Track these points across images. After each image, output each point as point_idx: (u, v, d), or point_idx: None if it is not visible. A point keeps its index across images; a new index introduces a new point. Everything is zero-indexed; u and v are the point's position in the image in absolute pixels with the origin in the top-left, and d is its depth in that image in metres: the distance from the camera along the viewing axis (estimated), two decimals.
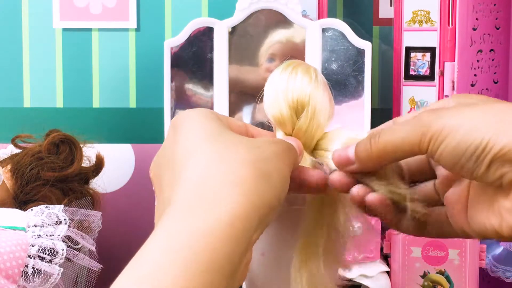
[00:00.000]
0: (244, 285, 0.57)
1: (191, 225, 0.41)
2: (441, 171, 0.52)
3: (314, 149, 0.53)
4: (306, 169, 0.51)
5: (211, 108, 1.22)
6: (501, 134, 0.43)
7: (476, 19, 1.23)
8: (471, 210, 0.48)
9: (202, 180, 0.44)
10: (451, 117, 0.45)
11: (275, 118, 0.53)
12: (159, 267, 0.39)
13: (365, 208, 0.50)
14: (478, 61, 1.25)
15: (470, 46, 1.23)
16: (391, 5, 1.31)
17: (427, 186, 0.53)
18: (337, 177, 0.50)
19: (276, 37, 1.22)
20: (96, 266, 1.03)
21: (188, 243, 0.40)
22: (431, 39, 1.22)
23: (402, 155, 0.48)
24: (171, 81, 1.22)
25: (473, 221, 0.48)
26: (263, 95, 0.54)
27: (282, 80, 0.53)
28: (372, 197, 0.49)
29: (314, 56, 1.19)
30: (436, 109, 0.48)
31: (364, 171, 0.49)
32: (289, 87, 0.53)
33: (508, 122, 0.44)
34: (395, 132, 0.48)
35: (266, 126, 0.56)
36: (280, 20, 1.21)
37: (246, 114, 1.23)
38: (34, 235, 0.97)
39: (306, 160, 0.53)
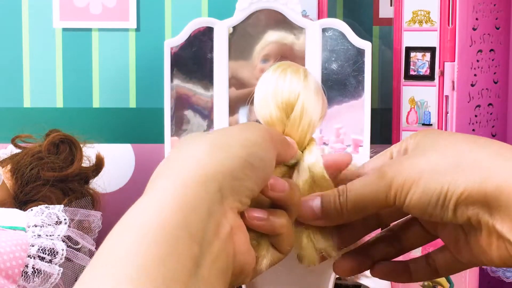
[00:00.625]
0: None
1: (143, 203, 0.42)
2: None
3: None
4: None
5: (211, 108, 1.22)
6: (459, 178, 0.44)
7: (476, 19, 1.23)
8: (453, 251, 0.49)
9: (163, 165, 0.46)
10: (411, 168, 0.46)
11: (264, 119, 0.53)
12: (113, 248, 0.39)
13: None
14: (478, 61, 1.25)
15: (470, 46, 1.23)
16: (391, 5, 1.31)
17: (411, 229, 0.54)
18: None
19: (270, 38, 1.22)
20: None
21: (138, 219, 0.40)
22: (431, 39, 1.22)
23: (374, 210, 0.49)
24: (171, 81, 1.22)
25: (459, 258, 0.49)
26: (253, 97, 0.54)
27: (271, 81, 0.53)
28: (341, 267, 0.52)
29: (314, 56, 1.19)
30: (396, 159, 0.48)
31: (333, 224, 0.50)
32: (278, 88, 0.53)
33: (464, 166, 0.44)
34: (363, 189, 0.48)
35: None
36: (280, 20, 1.21)
37: (242, 115, 1.23)
38: (34, 235, 0.97)
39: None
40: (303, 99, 0.53)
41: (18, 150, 1.20)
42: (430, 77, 1.23)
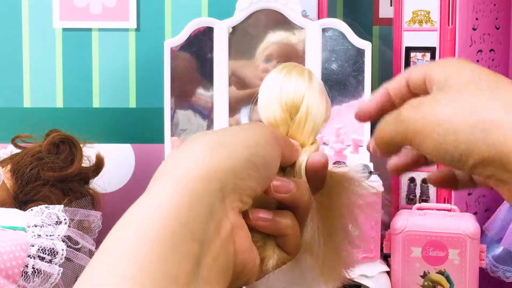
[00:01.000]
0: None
1: (144, 201, 0.42)
2: None
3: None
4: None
5: (211, 108, 1.23)
6: (475, 142, 0.43)
7: (476, 19, 1.23)
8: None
9: (163, 165, 0.46)
10: (427, 117, 0.45)
11: (268, 120, 0.53)
12: (114, 247, 0.39)
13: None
14: (478, 61, 1.25)
15: (470, 46, 1.23)
16: (391, 5, 1.31)
17: None
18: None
19: (273, 38, 1.22)
20: None
21: (138, 217, 0.40)
22: (431, 39, 1.22)
23: (400, 148, 0.49)
24: (171, 81, 1.22)
25: None
26: (257, 98, 0.54)
27: (275, 82, 0.53)
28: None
29: (314, 56, 1.19)
30: (414, 103, 0.48)
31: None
32: (283, 90, 0.53)
33: (483, 126, 0.43)
34: (384, 131, 0.49)
35: None
36: (280, 20, 1.21)
37: (243, 115, 1.23)
38: (34, 235, 0.97)
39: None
40: (307, 101, 0.52)
41: (18, 150, 1.20)
42: None
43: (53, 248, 0.96)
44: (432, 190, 1.24)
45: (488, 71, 0.47)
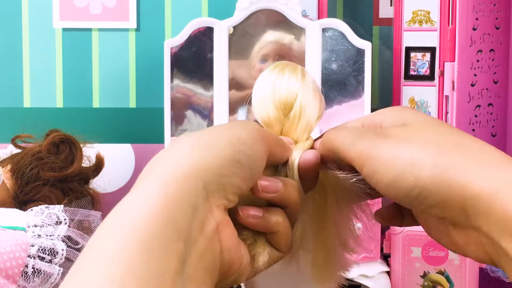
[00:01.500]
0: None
1: (129, 201, 0.42)
2: None
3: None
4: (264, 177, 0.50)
5: (211, 108, 1.23)
6: (435, 182, 0.42)
7: (476, 19, 1.23)
8: (432, 233, 0.48)
9: (150, 163, 0.46)
10: (391, 147, 0.45)
11: (262, 119, 0.53)
12: (98, 246, 0.39)
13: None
14: (478, 61, 1.25)
15: (470, 46, 1.23)
16: (391, 5, 1.31)
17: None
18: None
19: (269, 38, 1.22)
20: None
21: (122, 217, 0.40)
22: (431, 39, 1.22)
23: (342, 162, 0.49)
24: (171, 81, 1.22)
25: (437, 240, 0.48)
26: (251, 97, 0.54)
27: (269, 81, 0.53)
28: None
29: (314, 56, 1.19)
30: (379, 131, 0.47)
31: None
32: (276, 88, 0.53)
33: (443, 168, 0.43)
34: (342, 140, 0.48)
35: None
36: (280, 20, 1.21)
37: (241, 115, 1.23)
38: (34, 235, 0.97)
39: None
40: (301, 98, 0.52)
41: (18, 150, 1.20)
42: (430, 77, 1.23)
43: (53, 248, 0.96)
44: None
45: (433, 117, 0.49)
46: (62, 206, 1.04)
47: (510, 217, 0.40)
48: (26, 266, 0.93)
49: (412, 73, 1.24)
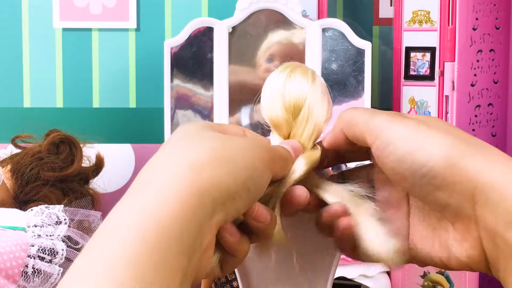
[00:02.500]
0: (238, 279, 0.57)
1: (140, 205, 0.41)
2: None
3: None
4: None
5: (211, 108, 1.23)
6: (457, 162, 0.43)
7: (476, 19, 1.23)
8: (414, 239, 0.48)
9: (159, 163, 0.44)
10: (409, 120, 0.46)
11: (272, 120, 0.53)
12: (108, 249, 0.38)
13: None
14: (478, 61, 1.25)
15: (470, 46, 1.23)
16: (391, 5, 1.31)
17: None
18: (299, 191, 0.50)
19: (275, 38, 1.22)
20: None
21: (136, 223, 0.40)
22: (431, 39, 1.22)
23: (354, 143, 0.49)
24: (171, 81, 1.22)
25: (416, 250, 0.48)
26: (260, 97, 0.54)
27: (279, 82, 0.53)
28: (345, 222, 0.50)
29: (314, 56, 1.19)
30: (391, 119, 0.48)
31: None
32: (286, 90, 0.53)
33: (460, 150, 0.43)
34: (357, 118, 0.49)
35: (264, 127, 0.56)
36: (280, 20, 1.21)
37: (244, 115, 1.23)
38: (34, 235, 0.97)
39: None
40: (310, 101, 0.52)
41: (18, 150, 1.20)
42: (430, 77, 1.23)
43: (53, 248, 0.96)
44: None
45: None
46: (62, 206, 1.04)
47: None
48: (26, 266, 0.93)
49: (412, 73, 1.24)
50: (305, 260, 0.56)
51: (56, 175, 1.13)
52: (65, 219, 1.01)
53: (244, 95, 1.23)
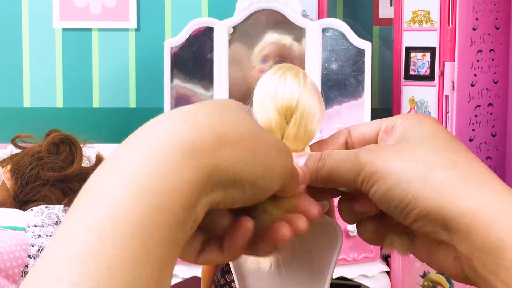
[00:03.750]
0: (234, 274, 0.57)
1: (158, 175, 0.39)
2: None
3: None
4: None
5: None
6: (422, 194, 0.44)
7: (476, 19, 1.23)
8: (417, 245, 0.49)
9: (183, 118, 0.42)
10: (383, 164, 0.46)
11: (263, 124, 0.53)
12: (97, 210, 0.36)
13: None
14: (478, 61, 1.25)
15: (470, 46, 1.23)
16: (391, 5, 1.31)
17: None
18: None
19: (269, 38, 1.22)
20: None
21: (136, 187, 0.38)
22: (431, 39, 1.22)
23: (345, 186, 0.49)
24: (171, 81, 1.22)
25: (421, 254, 0.49)
26: (252, 99, 0.54)
27: (271, 85, 0.53)
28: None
29: (314, 56, 1.19)
30: (375, 148, 0.48)
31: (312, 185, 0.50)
32: (278, 92, 0.52)
33: (432, 182, 0.44)
34: (338, 164, 0.48)
35: None
36: (280, 20, 1.21)
37: None
38: (34, 235, 0.97)
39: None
40: (302, 104, 0.52)
41: (18, 150, 1.20)
42: (430, 77, 1.23)
43: None
44: None
45: (445, 130, 0.48)
46: (62, 206, 1.04)
47: (487, 238, 0.42)
48: (26, 266, 0.93)
49: (412, 73, 1.24)
50: (300, 267, 0.56)
51: (56, 175, 1.13)
52: None
53: (242, 95, 1.23)
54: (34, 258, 0.94)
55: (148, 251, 0.36)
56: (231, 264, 0.60)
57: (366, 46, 1.19)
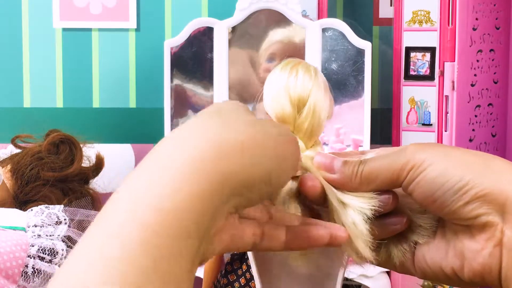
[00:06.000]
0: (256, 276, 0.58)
1: (159, 182, 0.39)
2: None
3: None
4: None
5: None
6: (483, 176, 0.45)
7: (476, 19, 1.23)
8: (423, 251, 0.49)
9: (186, 135, 0.42)
10: (436, 152, 0.46)
11: (277, 114, 0.53)
12: (125, 228, 0.37)
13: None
14: (478, 61, 1.25)
15: (470, 46, 1.23)
16: (391, 5, 1.31)
17: None
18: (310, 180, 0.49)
19: (276, 37, 1.22)
20: None
21: (153, 201, 0.38)
22: (431, 39, 1.22)
23: (382, 183, 0.48)
24: (171, 81, 1.22)
25: (425, 260, 0.48)
26: (262, 95, 0.54)
27: (282, 77, 0.53)
28: None
29: (314, 56, 1.19)
30: (422, 143, 0.49)
31: (339, 187, 0.49)
32: (290, 84, 0.53)
33: (493, 167, 0.45)
34: (381, 159, 0.48)
35: None
36: (280, 20, 1.21)
37: None
38: (34, 235, 0.97)
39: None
40: (314, 97, 0.53)
41: (18, 150, 1.20)
42: (430, 77, 1.23)
43: (53, 248, 0.96)
44: None
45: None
46: (62, 206, 1.04)
47: None
48: (26, 266, 0.93)
49: (412, 73, 1.24)
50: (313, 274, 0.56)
51: (56, 175, 1.13)
52: (65, 219, 1.01)
53: (244, 94, 1.23)
54: (34, 258, 0.94)
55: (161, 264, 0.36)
56: (251, 255, 0.60)
57: (366, 46, 1.19)
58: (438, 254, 0.48)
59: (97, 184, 1.21)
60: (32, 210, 1.02)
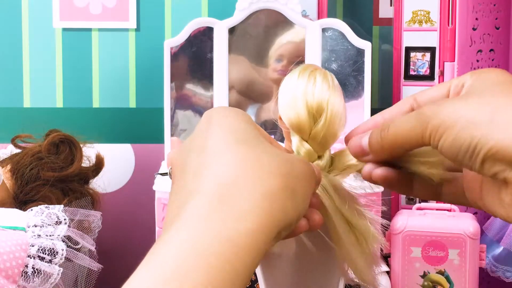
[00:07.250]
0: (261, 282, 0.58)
1: (218, 230, 0.41)
2: None
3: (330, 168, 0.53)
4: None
5: (211, 108, 1.23)
6: (489, 134, 0.45)
7: (476, 19, 1.23)
8: (484, 192, 0.49)
9: (230, 181, 0.44)
10: (448, 113, 0.46)
11: (292, 122, 0.52)
12: (182, 269, 0.39)
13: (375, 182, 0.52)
14: (478, 61, 1.25)
15: (470, 46, 1.23)
16: (391, 5, 1.31)
17: None
18: (371, 170, 0.51)
19: (286, 38, 1.22)
20: (96, 266, 1.03)
21: (213, 248, 0.40)
22: (431, 39, 1.22)
23: (411, 147, 0.49)
24: (171, 81, 1.22)
25: (485, 203, 0.49)
26: (277, 98, 0.53)
27: (300, 84, 0.52)
28: (376, 173, 0.51)
29: (314, 56, 1.19)
30: (437, 101, 0.49)
31: (379, 161, 0.50)
32: (308, 91, 0.52)
33: (499, 121, 0.45)
34: (402, 125, 0.49)
35: (269, 125, 0.56)
36: (280, 20, 1.21)
37: (250, 114, 1.23)
38: (34, 235, 0.97)
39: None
40: (332, 106, 0.52)
41: (18, 150, 1.20)
42: (430, 77, 1.23)
43: (53, 248, 0.96)
44: None
45: None
46: (62, 206, 1.04)
47: None
48: (26, 266, 0.93)
49: (412, 73, 1.24)
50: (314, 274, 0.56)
51: (56, 175, 1.13)
52: (65, 219, 1.01)
53: (249, 94, 1.23)
54: (34, 258, 0.94)
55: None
56: None
57: (366, 46, 1.19)
58: (491, 200, 0.48)
59: (97, 184, 1.21)
60: (32, 210, 1.02)
